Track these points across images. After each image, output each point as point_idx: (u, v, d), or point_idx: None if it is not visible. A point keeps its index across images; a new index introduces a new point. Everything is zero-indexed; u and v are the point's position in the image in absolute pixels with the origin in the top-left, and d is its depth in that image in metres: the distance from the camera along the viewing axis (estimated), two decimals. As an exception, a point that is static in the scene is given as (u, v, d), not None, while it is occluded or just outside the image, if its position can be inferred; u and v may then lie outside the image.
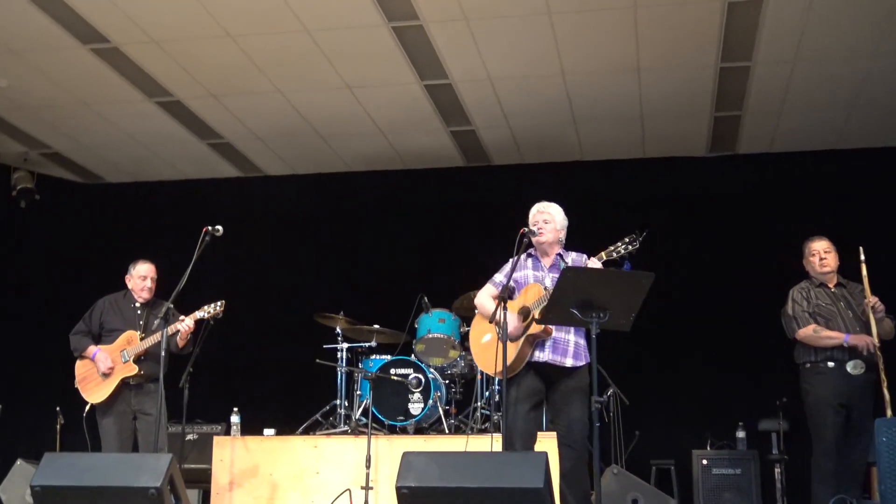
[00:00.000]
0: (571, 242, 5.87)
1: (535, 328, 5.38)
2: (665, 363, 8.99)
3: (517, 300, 5.59)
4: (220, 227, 6.15)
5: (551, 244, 5.68)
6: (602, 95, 8.23)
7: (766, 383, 8.25)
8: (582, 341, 5.54)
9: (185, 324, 6.56)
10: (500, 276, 5.76)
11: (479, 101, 8.42)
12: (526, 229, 5.46)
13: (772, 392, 8.02)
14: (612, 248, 5.29)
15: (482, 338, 5.76)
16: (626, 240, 5.26)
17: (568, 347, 5.48)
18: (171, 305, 6.25)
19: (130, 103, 8.49)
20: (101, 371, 6.75)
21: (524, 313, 5.49)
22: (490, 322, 5.54)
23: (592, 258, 5.32)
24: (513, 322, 5.43)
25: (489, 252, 6.15)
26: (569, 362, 5.46)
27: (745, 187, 9.27)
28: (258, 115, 8.77)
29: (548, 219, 5.69)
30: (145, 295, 6.98)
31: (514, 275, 5.59)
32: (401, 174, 9.96)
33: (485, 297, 5.74)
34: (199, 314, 6.60)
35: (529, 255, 5.72)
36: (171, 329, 6.49)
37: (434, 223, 9.85)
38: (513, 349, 5.38)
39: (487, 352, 5.63)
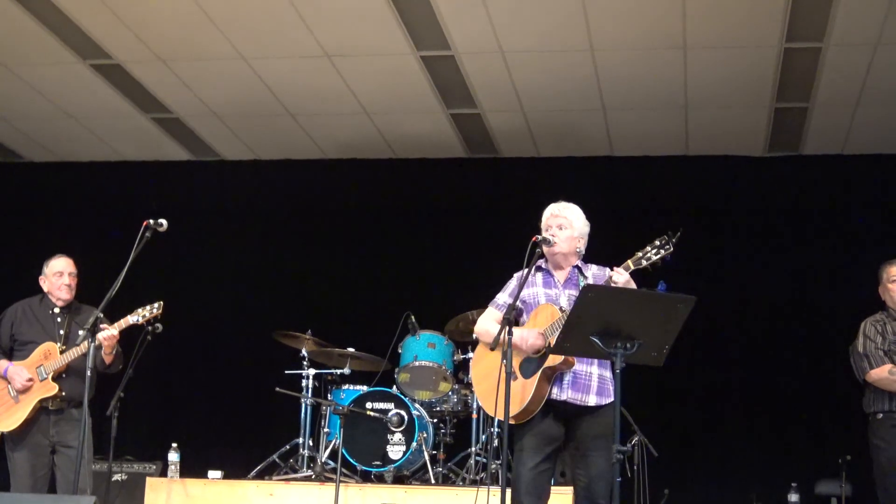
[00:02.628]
0: (593, 254, 5.83)
1: (552, 359, 5.33)
2: (704, 407, 9.04)
3: (527, 325, 5.53)
4: (163, 221, 6.12)
5: (566, 255, 5.60)
6: (639, 78, 8.26)
7: (827, 437, 8.28)
8: (608, 374, 5.46)
9: (108, 332, 6.52)
10: (503, 297, 5.69)
11: (486, 79, 8.42)
12: (539, 237, 5.43)
13: (833, 448, 8.05)
14: (640, 254, 5.21)
15: (488, 375, 5.56)
16: (658, 243, 5.19)
17: (591, 382, 5.44)
18: (101, 314, 6.23)
19: (59, 65, 8.50)
20: (15, 388, 6.71)
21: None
22: (492, 349, 5.47)
23: (617, 268, 5.26)
24: (533, 336, 5.41)
25: (493, 264, 6.14)
26: (592, 400, 5.41)
27: (809, 195, 9.32)
28: (215, 85, 8.77)
29: (563, 224, 5.60)
30: (64, 296, 6.97)
31: (521, 293, 5.50)
32: (388, 165, 9.98)
33: (487, 323, 5.65)
34: (130, 319, 6.59)
35: (539, 269, 5.64)
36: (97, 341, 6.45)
37: (427, 227, 9.89)
38: (528, 387, 5.35)
39: (493, 394, 5.38)
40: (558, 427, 5.46)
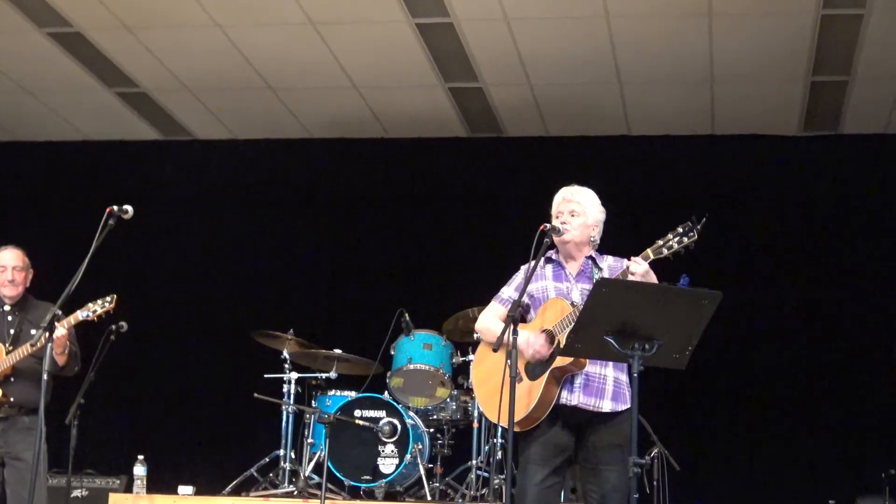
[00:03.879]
0: (608, 245, 5.78)
1: (561, 360, 5.30)
2: (731, 416, 9.03)
3: (534, 321, 5.53)
4: (128, 208, 6.04)
5: (579, 245, 5.57)
6: (659, 48, 8.24)
7: (867, 448, 8.27)
8: (624, 377, 5.45)
9: (58, 331, 6.44)
10: (508, 290, 5.68)
11: (489, 49, 8.41)
12: (548, 226, 5.39)
13: (875, 461, 8.05)
14: (660, 242, 5.19)
15: (490, 377, 5.56)
16: (681, 230, 5.16)
17: (605, 386, 5.41)
18: (59, 311, 6.20)
19: (13, 34, 8.47)
20: (-41, 393, 6.74)
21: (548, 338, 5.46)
22: (495, 350, 5.43)
23: (635, 257, 5.25)
24: (539, 342, 5.39)
25: (496, 256, 6.19)
26: (606, 406, 5.38)
27: (849, 179, 9.30)
28: (187, 56, 8.75)
29: (576, 210, 5.56)
30: (9, 292, 6.94)
31: (529, 287, 5.48)
32: (379, 145, 9.97)
33: (490, 320, 5.66)
34: (80, 315, 6.56)
35: (549, 260, 5.63)
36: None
37: (423, 214, 9.88)
38: (534, 390, 5.32)
39: (495, 397, 5.36)
40: (568, 436, 5.44)
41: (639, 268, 5.18)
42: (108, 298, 6.57)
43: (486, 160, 9.86)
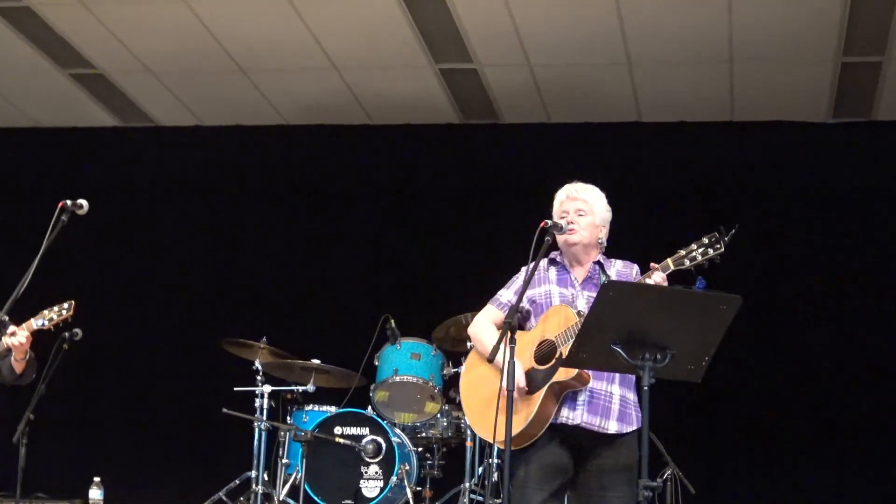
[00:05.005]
0: (618, 246, 5.80)
1: (563, 373, 5.30)
2: (753, 432, 9.00)
3: (534, 330, 5.53)
4: (83, 203, 6.11)
5: (587, 247, 5.60)
6: (673, 24, 8.22)
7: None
8: (632, 396, 5.47)
9: (17, 338, 6.39)
10: (507, 294, 5.72)
11: (485, 26, 8.39)
12: (549, 223, 5.40)
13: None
14: (683, 252, 5.20)
15: (480, 387, 5.64)
16: (706, 241, 5.17)
17: (611, 405, 5.42)
18: (7, 317, 6.20)
19: (-47, 8, 8.48)
20: None
21: (544, 351, 5.45)
22: (490, 362, 5.43)
23: (655, 268, 5.26)
24: (520, 370, 5.34)
25: (492, 256, 6.21)
26: (612, 427, 5.39)
27: (883, 169, 9.27)
28: (148, 34, 8.73)
29: (583, 209, 5.58)
30: (-52, 296, 6.95)
31: (530, 291, 5.53)
32: (362, 133, 9.97)
33: (484, 325, 5.70)
34: (34, 323, 6.53)
35: (553, 263, 5.66)
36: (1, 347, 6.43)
37: (410, 210, 9.87)
38: (530, 405, 5.31)
39: (486, 411, 5.49)
40: (568, 457, 5.45)
41: (660, 280, 5.22)
42: (66, 305, 6.54)
43: (481, 150, 9.85)
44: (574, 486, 5.55)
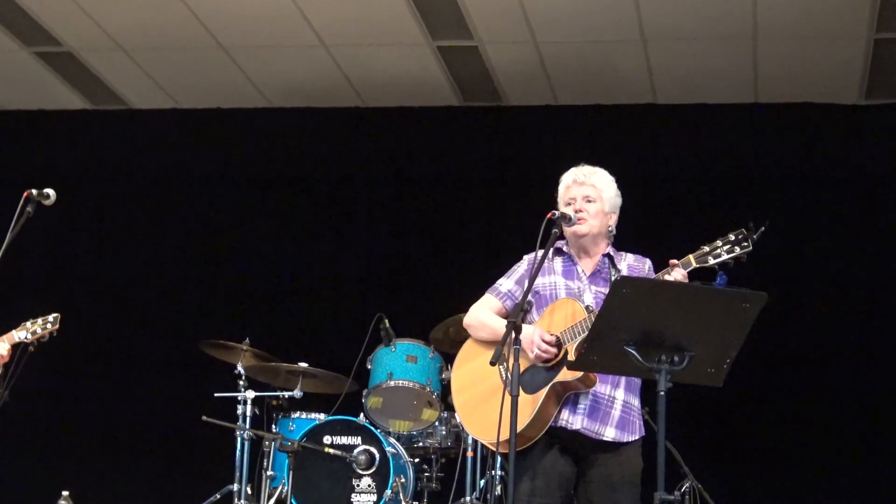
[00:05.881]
0: (631, 239, 5.82)
1: (567, 373, 5.32)
2: (776, 441, 8.99)
3: (537, 324, 5.54)
4: (50, 192, 6.14)
5: (596, 237, 5.64)
6: (691, -2, 8.22)
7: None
8: (636, 402, 5.53)
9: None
10: (507, 283, 5.76)
11: (487, 0, 8.36)
12: (556, 213, 5.41)
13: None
14: (707, 249, 5.24)
15: (474, 383, 5.66)
16: (733, 237, 5.21)
17: (612, 410, 5.45)
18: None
19: None
20: None
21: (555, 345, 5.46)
22: (493, 364, 5.33)
23: (675, 265, 5.28)
24: (537, 336, 5.34)
25: (493, 250, 6.20)
26: (609, 434, 5.43)
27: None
28: (120, 8, 8.70)
29: (591, 195, 5.61)
30: None
31: (535, 282, 5.50)
32: (355, 116, 9.96)
33: (483, 313, 5.74)
34: (16, 336, 6.53)
35: (559, 253, 5.68)
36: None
37: (406, 199, 9.87)
38: (529, 405, 5.31)
39: (481, 407, 5.54)
40: (570, 466, 5.50)
41: (679, 277, 5.25)
42: (51, 318, 6.59)
43: (483, 134, 9.85)
44: (575, 496, 5.59)
